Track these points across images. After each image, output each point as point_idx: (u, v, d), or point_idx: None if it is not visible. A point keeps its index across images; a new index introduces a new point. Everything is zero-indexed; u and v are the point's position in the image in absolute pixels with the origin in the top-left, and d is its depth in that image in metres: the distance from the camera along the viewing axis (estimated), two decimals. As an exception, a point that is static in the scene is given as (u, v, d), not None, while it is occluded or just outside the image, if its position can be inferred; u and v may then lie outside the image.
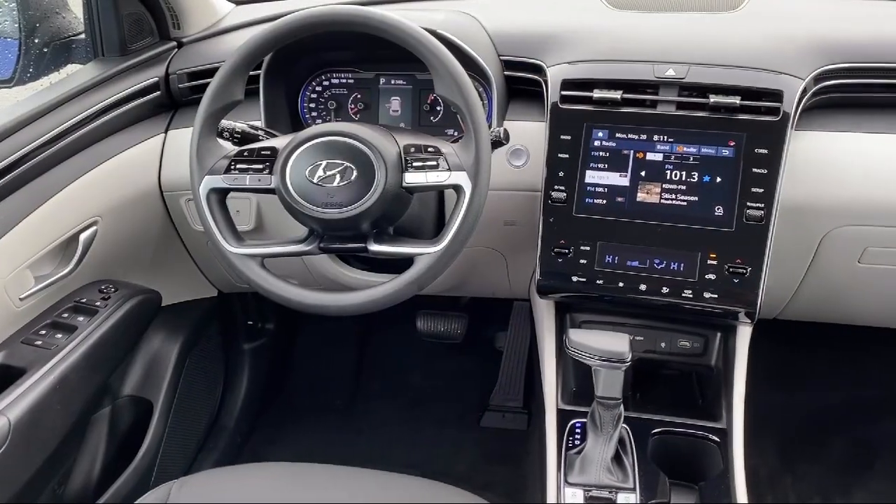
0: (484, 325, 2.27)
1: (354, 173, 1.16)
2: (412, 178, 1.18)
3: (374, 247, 1.21)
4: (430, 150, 1.19)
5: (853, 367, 2.19)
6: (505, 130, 1.28)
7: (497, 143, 1.28)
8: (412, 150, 1.19)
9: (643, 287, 1.34)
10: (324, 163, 1.17)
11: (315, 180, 1.17)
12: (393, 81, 1.56)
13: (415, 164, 1.18)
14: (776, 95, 1.28)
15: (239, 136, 1.32)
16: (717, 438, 1.33)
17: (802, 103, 1.30)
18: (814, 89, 1.33)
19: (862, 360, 2.18)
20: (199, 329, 1.93)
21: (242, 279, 1.24)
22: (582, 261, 1.36)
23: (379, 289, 1.19)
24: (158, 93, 1.61)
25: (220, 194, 1.24)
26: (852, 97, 1.39)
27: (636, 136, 1.34)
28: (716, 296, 1.30)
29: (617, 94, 1.33)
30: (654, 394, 1.51)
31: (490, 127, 1.40)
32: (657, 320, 1.46)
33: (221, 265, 1.67)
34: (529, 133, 1.42)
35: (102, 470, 1.63)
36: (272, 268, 1.26)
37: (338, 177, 1.17)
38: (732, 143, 1.29)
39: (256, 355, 2.17)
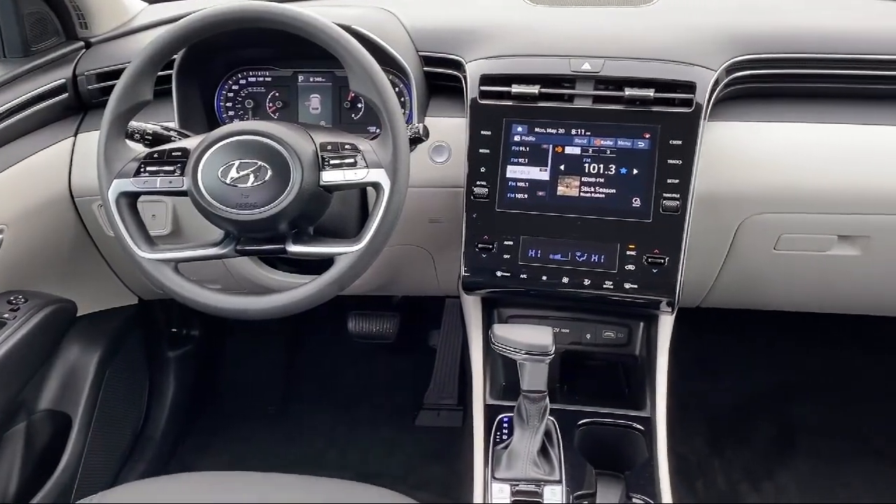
0: (417, 323, 2.26)
1: (269, 173, 1.14)
2: (329, 176, 1.16)
3: (293, 247, 1.18)
4: (347, 147, 1.17)
5: (775, 351, 2.27)
6: (424, 126, 1.28)
7: (417, 140, 1.27)
8: (329, 147, 1.17)
9: (566, 280, 1.35)
10: (237, 163, 1.14)
11: (228, 181, 1.14)
12: (312, 79, 1.53)
13: (332, 162, 1.16)
14: (689, 87, 1.30)
15: (150, 137, 1.28)
16: (641, 427, 1.35)
17: (715, 94, 1.33)
18: (726, 80, 1.35)
19: (783, 344, 2.25)
20: (119, 338, 1.87)
21: (156, 285, 1.21)
22: (506, 256, 1.36)
23: (299, 290, 1.17)
24: (66, 95, 1.55)
25: (131, 198, 1.20)
26: (764, 87, 1.42)
27: (555, 131, 1.34)
28: (636, 286, 1.32)
29: (535, 89, 1.33)
30: (581, 385, 1.52)
31: (410, 123, 1.39)
32: (582, 312, 1.48)
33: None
34: (451, 129, 1.41)
35: (19, 488, 1.57)
36: (190, 272, 1.22)
37: (252, 177, 1.14)
38: (648, 136, 1.31)
39: (182, 363, 2.12)
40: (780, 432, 2.11)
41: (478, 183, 1.36)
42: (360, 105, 1.51)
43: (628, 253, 1.32)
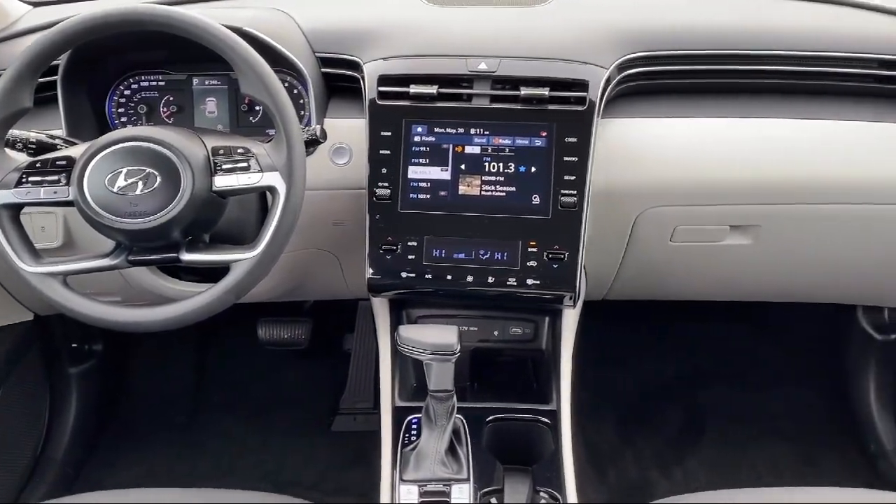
0: (330, 327, 2.24)
1: (158, 179, 1.11)
2: (222, 181, 1.13)
3: (187, 256, 1.15)
4: (239, 151, 1.14)
5: (682, 339, 2.34)
6: (322, 128, 1.26)
7: (314, 142, 1.26)
8: (221, 152, 1.14)
9: (470, 278, 1.35)
10: (124, 170, 1.11)
11: (116, 189, 1.10)
12: (207, 82, 1.49)
13: (224, 166, 1.14)
14: (582, 85, 1.32)
15: (34, 146, 1.22)
16: (548, 420, 1.37)
17: (607, 92, 1.36)
18: (618, 78, 1.38)
19: (690, 332, 2.33)
20: (14, 356, 1.79)
21: (44, 300, 1.16)
22: (410, 256, 1.36)
23: (194, 300, 1.14)
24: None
25: (13, 210, 1.14)
26: (658, 84, 1.46)
27: (454, 131, 1.35)
28: (538, 282, 1.33)
29: (433, 89, 1.33)
30: (491, 382, 1.54)
31: (309, 125, 1.37)
32: (489, 310, 1.49)
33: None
34: (351, 130, 1.40)
35: None
36: (87, 286, 1.18)
37: (140, 184, 1.10)
38: (544, 134, 1.33)
39: (85, 379, 2.04)
40: (688, 418, 2.17)
41: (379, 184, 1.35)
42: (258, 108, 1.49)
43: (530, 249, 1.34)
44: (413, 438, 1.32)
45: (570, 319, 1.44)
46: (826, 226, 1.51)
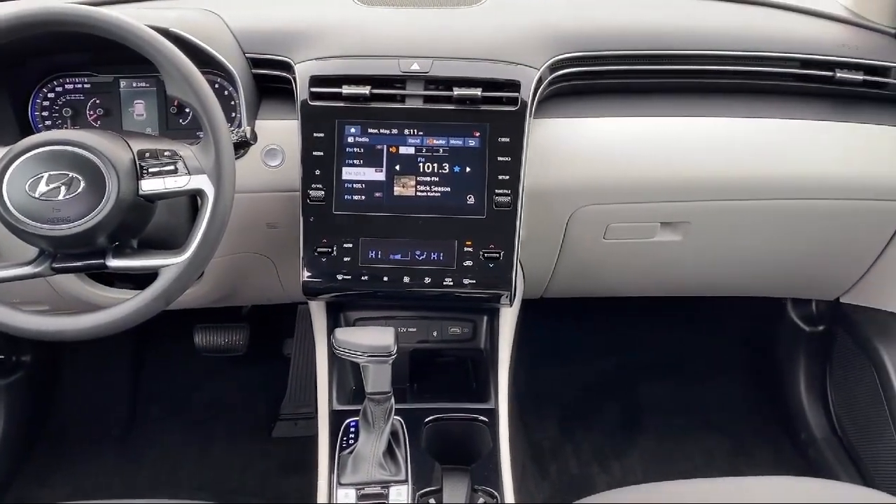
0: (269, 332, 2.21)
1: (82, 184, 1.08)
2: (149, 185, 1.11)
3: (114, 262, 1.13)
4: (166, 154, 1.12)
5: (620, 334, 2.37)
6: (252, 129, 1.25)
7: (244, 144, 1.24)
8: (147, 155, 1.12)
9: (407, 279, 1.35)
10: (45, 175, 1.07)
11: (37, 195, 1.07)
12: (135, 84, 1.46)
13: (151, 169, 1.11)
14: (514, 86, 1.33)
15: None
16: (485, 419, 1.38)
17: (539, 92, 1.37)
18: (549, 78, 1.39)
19: (628, 328, 2.36)
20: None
21: None
22: (346, 258, 1.35)
23: (121, 307, 1.11)
24: None
25: None
26: (590, 84, 1.47)
27: (388, 131, 1.35)
28: (474, 281, 1.34)
29: (365, 90, 1.33)
30: (432, 383, 1.54)
31: (241, 127, 1.35)
32: (428, 310, 1.49)
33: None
34: (284, 132, 1.38)
35: None
36: (12, 294, 1.15)
37: (63, 189, 1.07)
38: (478, 134, 1.33)
39: (12, 392, 1.97)
40: (627, 413, 2.21)
41: (313, 186, 1.34)
42: (188, 110, 1.46)
43: (465, 249, 1.34)
44: (351, 442, 1.31)
45: (508, 318, 1.45)
46: (753, 221, 1.55)
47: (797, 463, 2.03)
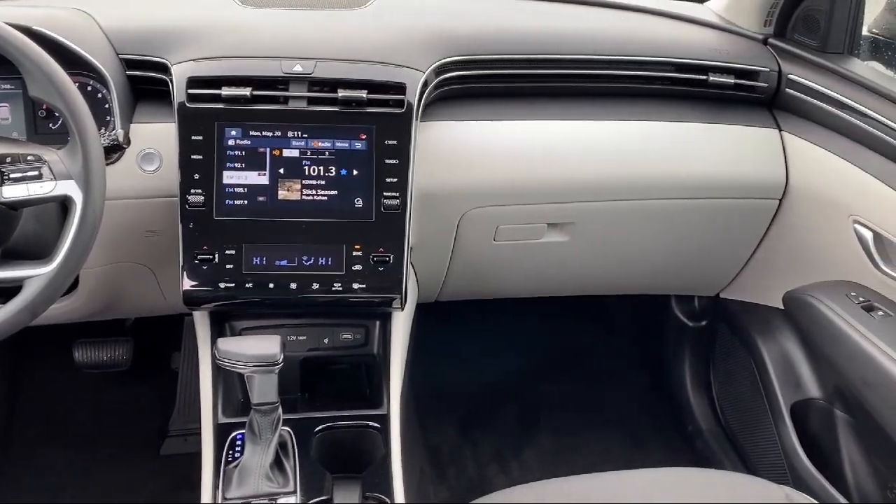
0: (155, 345, 2.12)
1: None
2: (11, 191, 1.05)
3: (-27, 274, 1.05)
4: (30, 158, 1.06)
5: (519, 335, 2.40)
6: (124, 133, 1.20)
7: (116, 147, 1.19)
8: (8, 160, 1.06)
9: (294, 286, 1.32)
10: None
11: None
12: None
13: (12, 175, 1.05)
14: (399, 88, 1.32)
15: None
16: (377, 425, 1.36)
17: (426, 95, 1.37)
18: (435, 81, 1.40)
19: (526, 328, 2.40)
20: None
21: None
22: (228, 266, 1.31)
23: (-20, 321, 1.04)
24: None
25: None
26: (476, 88, 1.49)
27: (271, 133, 1.31)
28: (364, 286, 1.32)
29: (246, 91, 1.29)
30: (324, 391, 1.51)
31: (113, 130, 1.29)
32: (318, 317, 1.46)
33: None
34: (161, 135, 1.33)
35: None
36: None
37: None
38: (364, 136, 1.32)
39: None
40: (525, 412, 2.23)
41: (192, 191, 1.29)
42: (57, 114, 1.38)
43: (355, 253, 1.32)
44: (237, 455, 1.27)
45: (400, 322, 1.44)
46: (634, 221, 1.59)
47: (687, 454, 2.10)
